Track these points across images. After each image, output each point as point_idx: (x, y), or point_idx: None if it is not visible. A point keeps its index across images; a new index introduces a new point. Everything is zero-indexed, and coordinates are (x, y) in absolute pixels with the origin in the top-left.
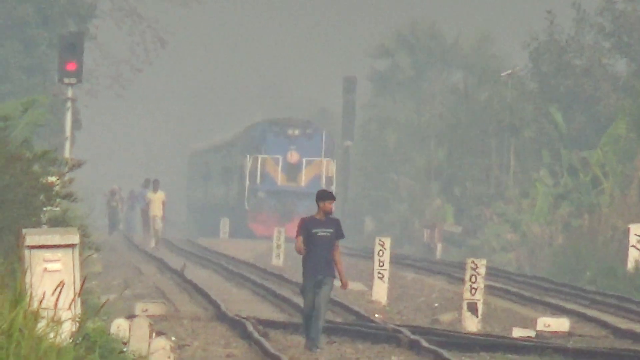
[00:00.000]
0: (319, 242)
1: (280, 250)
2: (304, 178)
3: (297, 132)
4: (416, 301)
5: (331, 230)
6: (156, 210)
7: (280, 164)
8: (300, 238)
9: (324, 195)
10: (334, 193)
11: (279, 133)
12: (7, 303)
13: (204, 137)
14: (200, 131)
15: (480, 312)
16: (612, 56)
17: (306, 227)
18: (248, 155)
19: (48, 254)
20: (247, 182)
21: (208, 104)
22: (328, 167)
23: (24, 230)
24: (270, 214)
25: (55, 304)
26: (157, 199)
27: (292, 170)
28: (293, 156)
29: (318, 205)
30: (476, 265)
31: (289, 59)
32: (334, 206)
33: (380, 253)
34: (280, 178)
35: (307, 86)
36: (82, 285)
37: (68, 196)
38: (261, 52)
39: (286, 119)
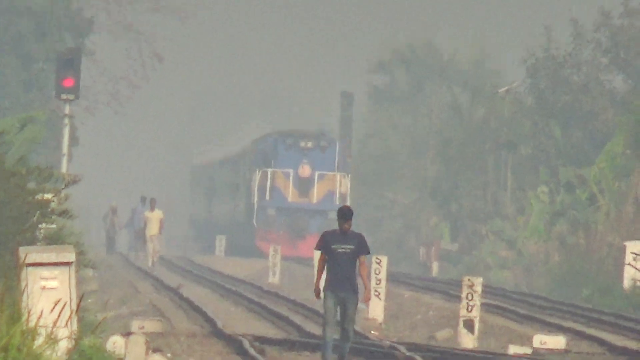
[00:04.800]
0: (339, 258)
1: (276, 269)
2: (316, 194)
3: (310, 144)
4: (412, 319)
5: (351, 246)
6: (153, 229)
7: (292, 178)
8: (322, 255)
9: (339, 214)
10: None
11: (291, 145)
12: (5, 320)
13: (204, 151)
14: (199, 145)
15: (476, 329)
16: (610, 72)
17: (326, 242)
18: (257, 169)
19: (45, 272)
20: (256, 198)
21: (206, 119)
22: (342, 182)
23: (20, 249)
24: (280, 232)
25: (53, 322)
26: (154, 217)
27: (304, 186)
28: (305, 170)
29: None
30: (472, 282)
31: (286, 75)
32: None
33: (377, 271)
34: (291, 194)
35: (305, 101)
36: (79, 303)
37: (64, 213)
38: (259, 67)
39: (298, 131)
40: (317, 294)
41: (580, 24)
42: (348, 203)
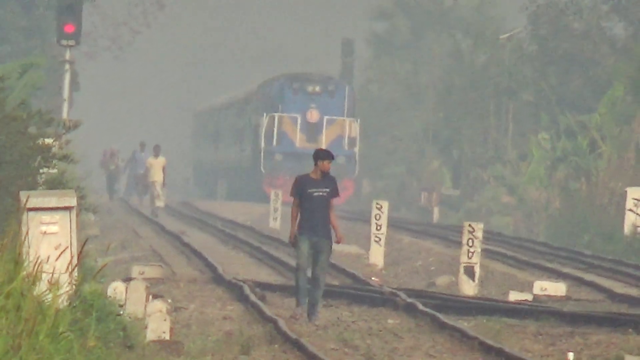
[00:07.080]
0: (315, 202)
1: (277, 214)
2: (324, 139)
3: (317, 88)
4: (413, 265)
5: (327, 189)
6: (156, 175)
7: (299, 123)
8: (296, 200)
9: (321, 155)
10: (356, 154)
11: (298, 90)
12: (7, 266)
13: (204, 98)
14: (199, 92)
15: (477, 275)
16: (611, 19)
17: (301, 187)
18: (264, 114)
19: (46, 217)
20: (263, 144)
21: (206, 65)
22: (351, 127)
23: (21, 193)
24: (288, 178)
25: (54, 268)
26: (157, 164)
27: (312, 131)
28: (313, 115)
29: (316, 163)
30: (473, 228)
31: (287, 21)
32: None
33: (378, 217)
34: (298, 139)
35: (306, 48)
36: (81, 249)
37: (65, 158)
38: (259, 14)
39: (306, 74)
40: (294, 242)
41: None
42: (357, 148)
